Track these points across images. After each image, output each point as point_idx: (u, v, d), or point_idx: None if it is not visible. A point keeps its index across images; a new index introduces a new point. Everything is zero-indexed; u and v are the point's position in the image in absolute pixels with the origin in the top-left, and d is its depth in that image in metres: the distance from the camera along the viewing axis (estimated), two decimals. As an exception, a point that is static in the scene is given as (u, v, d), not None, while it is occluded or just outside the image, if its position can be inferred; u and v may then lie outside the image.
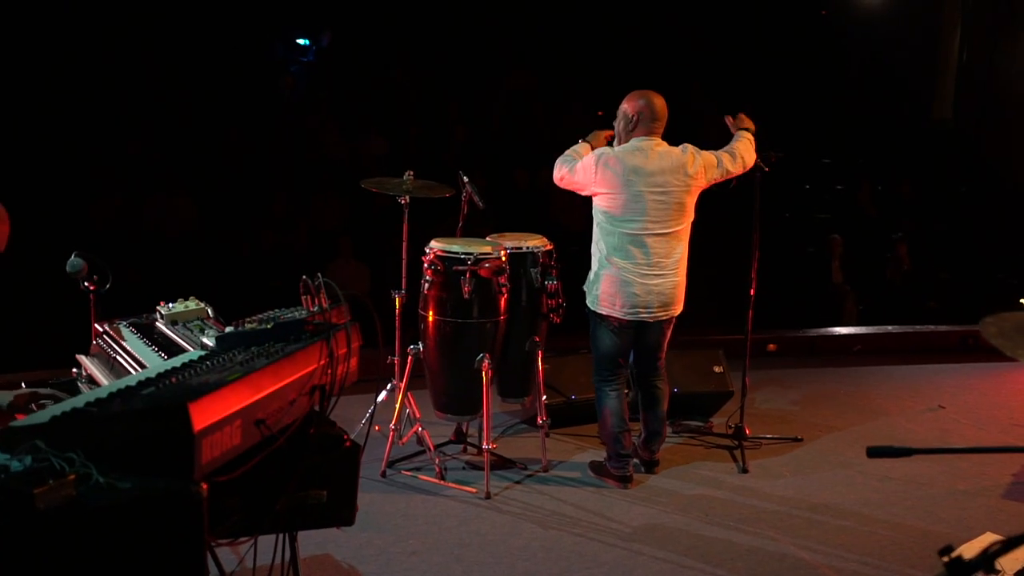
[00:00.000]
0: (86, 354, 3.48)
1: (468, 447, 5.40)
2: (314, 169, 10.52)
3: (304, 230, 9.92)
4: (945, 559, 1.72)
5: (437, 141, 10.91)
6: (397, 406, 5.06)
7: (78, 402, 2.17)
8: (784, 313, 8.53)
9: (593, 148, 4.96)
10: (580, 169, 4.80)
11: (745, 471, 5.20)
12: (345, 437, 2.66)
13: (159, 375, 2.34)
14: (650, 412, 5.08)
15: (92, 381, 3.31)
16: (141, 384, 2.26)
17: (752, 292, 5.36)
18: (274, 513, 2.44)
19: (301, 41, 13.20)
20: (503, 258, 4.88)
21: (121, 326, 3.33)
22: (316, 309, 2.65)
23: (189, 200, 9.70)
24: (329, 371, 2.52)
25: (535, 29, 12.09)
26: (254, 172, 10.25)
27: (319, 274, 2.69)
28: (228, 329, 2.69)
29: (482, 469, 4.90)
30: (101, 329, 3.37)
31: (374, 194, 5.18)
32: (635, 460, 5.10)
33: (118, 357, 3.18)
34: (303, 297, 2.69)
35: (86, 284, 3.47)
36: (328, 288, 2.65)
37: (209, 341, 2.80)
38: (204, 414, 1.98)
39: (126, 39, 10.62)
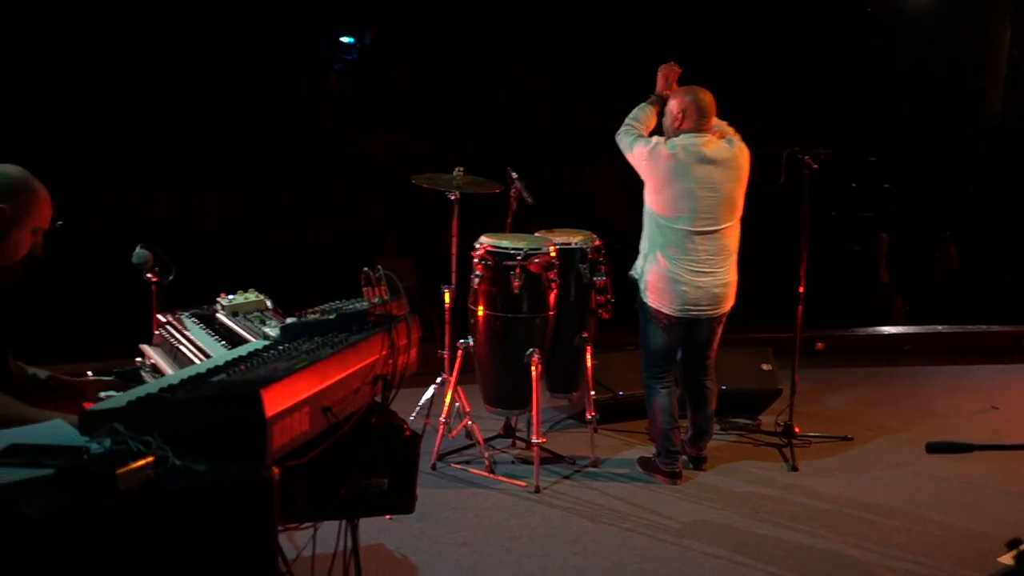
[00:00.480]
0: (149, 344, 3.56)
1: (517, 441, 5.43)
2: (358, 166, 10.62)
3: (349, 227, 10.03)
4: (1015, 551, 1.72)
5: (483, 137, 10.95)
6: (447, 400, 5.10)
7: (152, 388, 2.22)
8: (831, 312, 8.49)
9: (656, 114, 4.95)
10: (636, 154, 4.80)
11: (795, 469, 5.18)
12: (405, 427, 2.70)
13: (227, 363, 2.38)
14: (699, 411, 5.07)
15: (156, 370, 3.37)
16: (211, 372, 2.31)
17: (801, 290, 5.34)
18: (338, 499, 2.48)
19: (345, 39, 13.30)
20: (553, 254, 4.90)
21: (183, 317, 3.39)
22: (377, 300, 2.69)
23: (239, 196, 9.85)
24: (390, 361, 2.56)
25: (577, 27, 12.08)
26: (300, 170, 10.37)
27: (379, 266, 2.73)
28: (291, 320, 2.74)
29: (531, 463, 4.93)
30: (164, 320, 3.44)
31: (420, 191, 5.23)
32: (684, 456, 5.10)
33: (181, 347, 3.24)
34: (364, 289, 2.73)
35: (149, 276, 3.54)
36: (388, 280, 2.69)
37: (272, 331, 2.86)
38: (275, 400, 2.03)
39: (175, 39, 10.74)
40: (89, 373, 3.44)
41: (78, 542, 1.81)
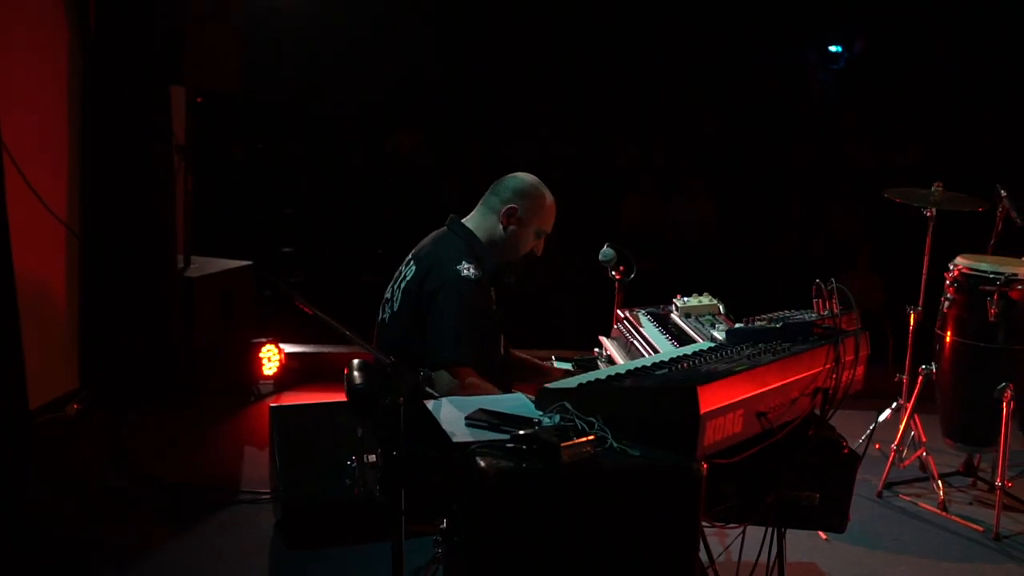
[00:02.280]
0: (607, 336, 3.82)
1: (978, 482, 5.01)
2: (836, 176, 10.32)
3: (821, 237, 9.79)
4: None
5: (970, 151, 10.10)
6: (901, 427, 4.85)
7: (602, 374, 2.42)
8: None
9: None
10: None
11: None
12: (844, 444, 2.64)
13: (671, 360, 2.51)
14: None
15: (610, 360, 3.62)
16: (656, 365, 2.45)
17: None
18: (765, 505, 2.51)
19: (833, 48, 12.98)
20: (1039, 281, 4.45)
21: (640, 314, 3.60)
22: (826, 313, 2.66)
23: (711, 200, 10.03)
24: (834, 376, 2.52)
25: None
26: (776, 177, 10.31)
27: (832, 279, 2.69)
28: (738, 325, 2.80)
29: (991, 507, 4.53)
30: (622, 315, 3.67)
31: (898, 205, 5.00)
32: None
33: (635, 341, 3.45)
34: (815, 300, 2.71)
35: (613, 273, 3.79)
36: (840, 293, 2.65)
37: (719, 335, 2.94)
38: (711, 398, 2.11)
39: (651, 43, 11.16)
40: (552, 358, 3.79)
41: (520, 499, 2.04)
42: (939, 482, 4.77)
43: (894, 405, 5.10)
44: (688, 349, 2.72)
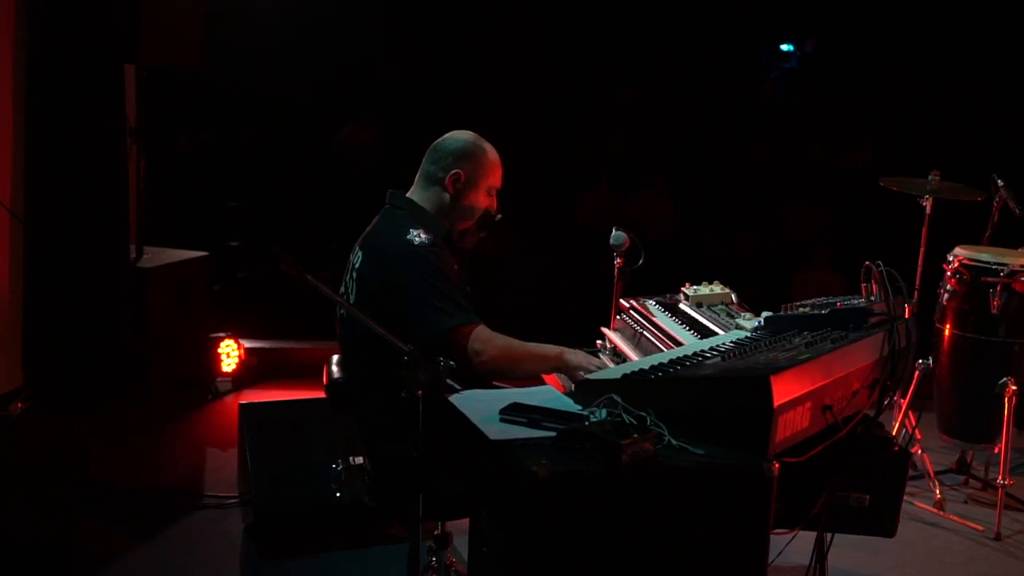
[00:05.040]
0: (607, 327, 3.58)
1: (971, 480, 4.88)
2: (793, 174, 10.25)
3: (779, 235, 9.71)
4: None
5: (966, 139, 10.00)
6: (896, 423, 4.69)
7: (642, 364, 2.17)
8: None
9: None
10: None
11: None
12: (894, 440, 2.44)
13: (714, 349, 2.28)
14: None
15: (616, 353, 3.38)
16: (698, 355, 2.21)
17: None
18: (817, 508, 2.29)
19: (784, 47, 12.95)
20: (1043, 273, 4.32)
21: (648, 303, 3.36)
22: (876, 298, 2.45)
23: (669, 198, 9.89)
24: (888, 365, 2.31)
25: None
26: (734, 175, 10.21)
27: (880, 262, 2.49)
28: (773, 312, 2.58)
29: (984, 505, 4.45)
30: (627, 305, 3.43)
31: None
32: None
33: (645, 333, 3.21)
34: (863, 285, 2.50)
35: (617, 260, 3.54)
36: (891, 278, 2.44)
37: (746, 323, 2.73)
38: (783, 389, 1.88)
39: (617, 42, 11.01)
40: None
41: (577, 504, 1.78)
42: (935, 480, 4.62)
43: (886, 400, 4.93)
44: (724, 339, 2.49)
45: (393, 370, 2.14)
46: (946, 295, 4.48)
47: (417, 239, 2.83)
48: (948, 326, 4.48)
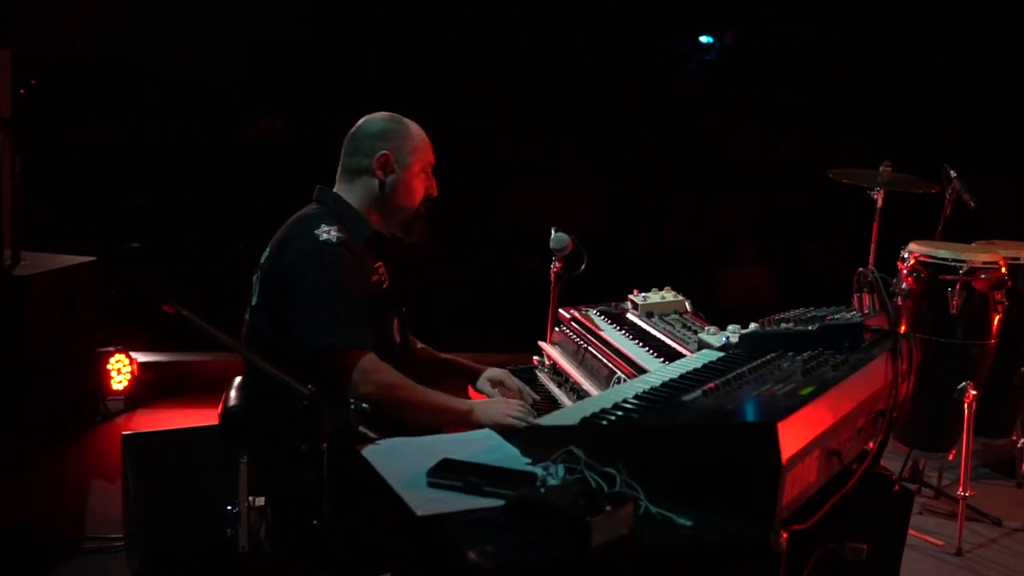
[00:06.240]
0: (543, 340, 3.17)
1: (923, 488, 4.60)
2: (718, 167, 10.04)
3: (705, 229, 9.49)
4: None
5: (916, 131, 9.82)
6: (848, 432, 4.37)
7: (602, 402, 1.75)
8: None
9: None
10: None
11: None
12: (894, 478, 2.06)
13: (692, 378, 1.86)
14: None
15: (556, 372, 2.97)
16: (674, 387, 1.80)
17: None
18: (807, 570, 1.90)
19: (704, 38, 12.77)
20: (1003, 270, 4.05)
21: (591, 314, 2.97)
22: (870, 311, 2.08)
23: (593, 191, 9.58)
24: (893, 392, 1.94)
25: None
26: (659, 168, 9.96)
27: (872, 268, 2.11)
28: (752, 327, 2.19)
29: (939, 516, 4.19)
30: (568, 315, 3.03)
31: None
32: None
33: (590, 348, 2.81)
34: (855, 296, 2.12)
35: (556, 265, 3.13)
36: (886, 286, 2.07)
37: (712, 339, 2.33)
38: (792, 438, 1.47)
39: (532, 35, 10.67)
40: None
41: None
42: (891, 492, 4.32)
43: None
44: (694, 361, 2.08)
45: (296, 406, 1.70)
46: (901, 294, 4.17)
47: (324, 235, 2.44)
48: (903, 328, 4.17)
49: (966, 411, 4.04)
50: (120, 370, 5.16)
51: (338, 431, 1.64)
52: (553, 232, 3.02)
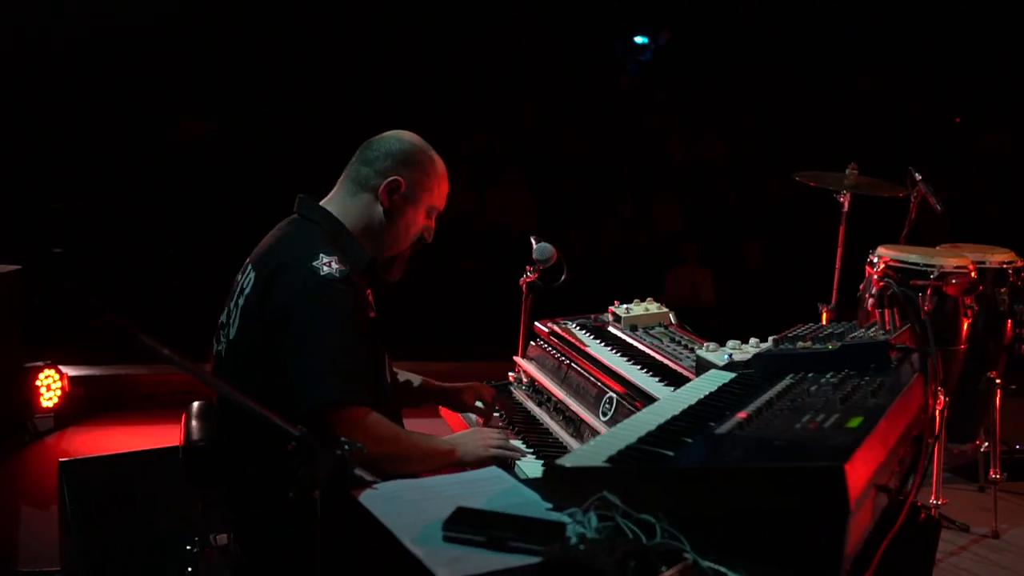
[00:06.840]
0: (518, 355, 2.99)
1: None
2: (655, 170, 9.99)
3: (645, 231, 9.42)
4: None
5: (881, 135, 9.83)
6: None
7: (625, 437, 1.57)
8: None
9: None
10: None
11: None
12: (920, 506, 1.93)
13: (716, 405, 1.70)
14: None
15: (535, 390, 2.79)
16: (697, 417, 1.63)
17: None
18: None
19: (639, 39, 12.75)
20: (973, 274, 4.00)
21: (571, 327, 2.79)
22: (891, 328, 1.94)
23: (528, 195, 9.45)
24: (923, 416, 1.80)
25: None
26: (598, 169, 9.87)
27: (891, 280, 1.97)
28: (764, 346, 2.03)
29: None
30: (546, 329, 2.85)
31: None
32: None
33: (573, 365, 2.64)
34: (877, 311, 1.98)
35: (529, 274, 2.95)
36: (908, 300, 1.93)
37: (714, 357, 2.16)
38: (857, 479, 1.30)
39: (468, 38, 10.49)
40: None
41: None
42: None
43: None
44: (704, 385, 1.91)
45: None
46: (870, 300, 4.08)
47: (325, 268, 2.17)
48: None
49: (938, 419, 3.96)
50: (50, 386, 4.88)
51: (332, 476, 1.44)
52: (535, 242, 2.83)
